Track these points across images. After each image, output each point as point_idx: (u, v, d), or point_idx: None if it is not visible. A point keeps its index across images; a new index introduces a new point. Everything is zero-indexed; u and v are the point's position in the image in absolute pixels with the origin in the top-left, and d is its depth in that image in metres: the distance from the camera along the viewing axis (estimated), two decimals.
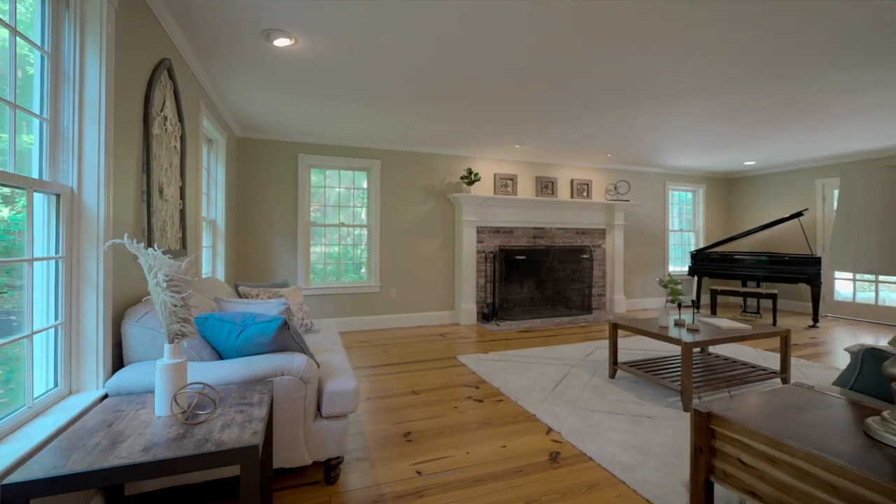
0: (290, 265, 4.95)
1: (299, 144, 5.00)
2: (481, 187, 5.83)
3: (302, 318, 2.86)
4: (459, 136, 4.94)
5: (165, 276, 1.31)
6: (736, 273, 6.03)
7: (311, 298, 5.02)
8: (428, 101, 3.70)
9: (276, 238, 4.91)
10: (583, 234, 6.43)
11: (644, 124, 4.42)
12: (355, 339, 4.77)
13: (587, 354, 4.08)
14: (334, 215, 5.27)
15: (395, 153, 5.41)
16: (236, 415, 1.38)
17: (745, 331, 3.04)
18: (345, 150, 5.18)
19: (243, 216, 4.79)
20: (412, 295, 5.47)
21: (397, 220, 5.41)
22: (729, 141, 5.15)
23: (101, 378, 1.63)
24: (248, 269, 4.77)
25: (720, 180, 7.64)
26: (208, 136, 3.76)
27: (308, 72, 3.06)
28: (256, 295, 2.76)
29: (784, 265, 5.53)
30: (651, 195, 7.03)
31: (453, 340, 4.69)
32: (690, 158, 6.20)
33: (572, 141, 5.14)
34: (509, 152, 5.77)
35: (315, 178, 5.20)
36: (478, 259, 5.73)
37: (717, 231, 7.63)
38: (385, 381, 3.35)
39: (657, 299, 7.06)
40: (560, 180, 6.37)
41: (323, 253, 5.21)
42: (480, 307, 5.75)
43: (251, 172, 4.82)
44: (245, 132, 4.75)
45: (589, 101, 3.71)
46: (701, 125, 4.47)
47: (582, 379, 3.36)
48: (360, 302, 5.23)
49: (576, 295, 6.46)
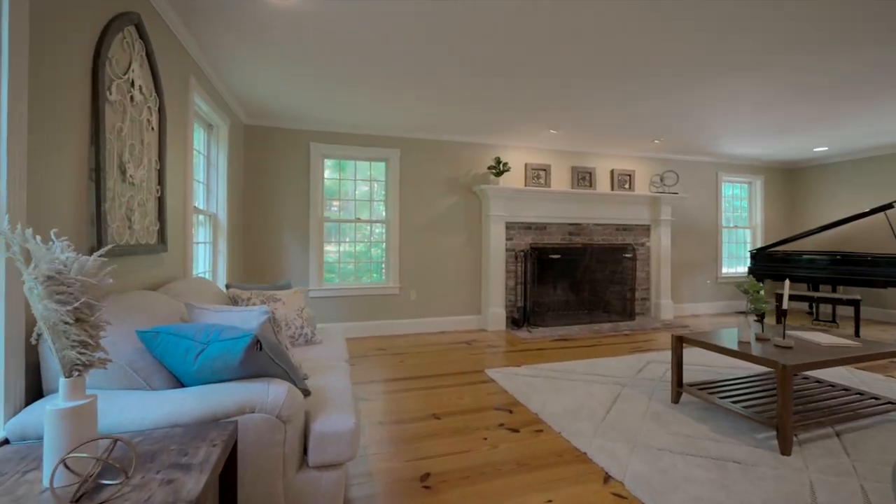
0: (302, 264, 4.54)
1: (312, 133, 4.58)
2: (511, 179, 5.27)
3: (301, 326, 2.40)
4: (487, 121, 4.41)
5: (45, 274, 0.84)
6: (805, 275, 5.24)
7: (323, 301, 4.60)
8: (452, 75, 3.18)
9: (287, 235, 4.51)
10: (624, 231, 5.78)
11: (702, 100, 3.76)
12: (371, 346, 4.31)
13: (638, 371, 3.47)
14: (350, 210, 4.84)
15: (416, 142, 4.92)
16: (158, 489, 0.91)
17: (856, 349, 2.39)
18: (361, 139, 4.74)
19: (251, 210, 4.41)
20: (434, 297, 4.98)
21: (418, 215, 4.92)
22: (799, 122, 4.40)
23: (1, 416, 1.19)
24: (255, 268, 4.39)
25: (781, 171, 6.80)
26: (207, 119, 3.37)
27: (313, 38, 2.60)
28: (248, 299, 2.31)
29: (869, 267, 4.72)
30: (701, 187, 6.29)
31: (480, 350, 4.16)
32: (749, 145, 5.45)
33: (614, 124, 4.52)
34: (542, 139, 5.20)
35: (329, 170, 4.77)
36: (507, 258, 5.18)
37: (777, 228, 6.79)
38: (401, 399, 2.86)
39: (708, 304, 6.30)
40: (599, 171, 5.73)
41: (338, 251, 4.78)
42: (510, 311, 5.19)
43: (260, 163, 4.43)
44: (253, 119, 4.37)
45: (640, 72, 3.11)
46: (768, 103, 3.77)
47: (638, 403, 2.77)
48: (377, 305, 4.77)
49: (616, 299, 5.81)
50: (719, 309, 6.37)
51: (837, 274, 4.98)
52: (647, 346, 4.34)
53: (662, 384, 3.12)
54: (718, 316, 6.07)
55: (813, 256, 5.21)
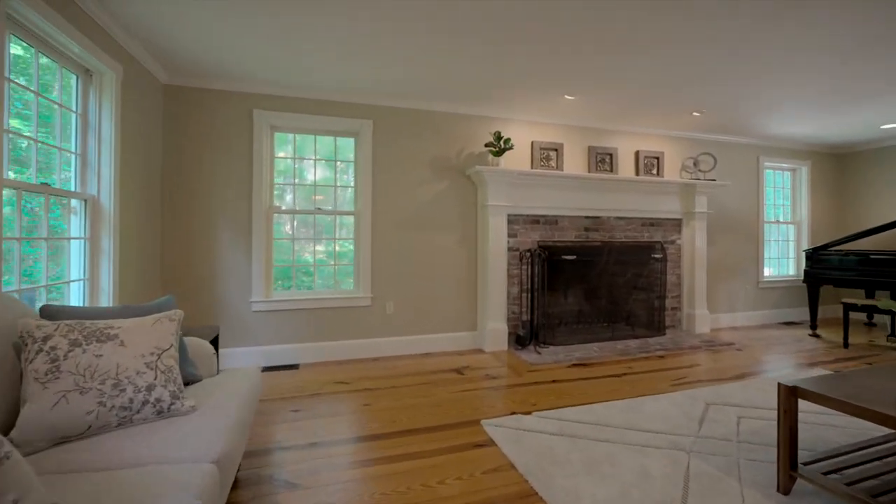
0: (242, 268, 3.48)
1: (257, 97, 3.52)
2: (514, 160, 4.23)
3: (151, 384, 1.34)
4: (487, 81, 3.37)
5: None
6: (881, 281, 4.22)
7: (271, 317, 3.54)
8: (438, 15, 2.14)
9: (223, 230, 3.45)
10: (651, 227, 4.75)
11: (759, 48, 2.73)
12: (330, 377, 3.26)
13: (699, 422, 2.43)
14: (309, 199, 3.78)
15: (394, 111, 3.87)
16: None
17: None
18: (322, 107, 3.68)
19: (170, 198, 3.35)
20: (417, 310, 3.93)
21: (397, 205, 3.88)
22: (876, 85, 3.38)
23: None
24: (172, 276, 3.32)
25: (830, 156, 5.79)
26: (75, 58, 2.31)
27: None
28: (45, 339, 1.26)
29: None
30: (740, 175, 5.27)
31: (475, 382, 3.12)
32: (800, 121, 4.43)
33: (645, 91, 3.49)
34: (553, 111, 4.16)
35: (282, 148, 3.72)
36: (509, 260, 4.15)
37: (827, 223, 5.78)
38: (357, 484, 1.82)
39: (748, 314, 5.29)
40: (621, 152, 4.70)
41: (293, 252, 3.72)
42: (513, 326, 4.16)
43: (185, 136, 3.37)
44: (177, 77, 3.30)
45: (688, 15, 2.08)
46: (843, 52, 2.75)
47: (723, 493, 1.73)
48: (342, 320, 3.72)
49: (641, 308, 4.79)
50: (762, 320, 5.36)
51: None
52: (693, 375, 3.31)
53: (746, 450, 2.09)
54: (763, 328, 5.05)
55: (892, 257, 4.19)
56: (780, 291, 5.49)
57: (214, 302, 3.41)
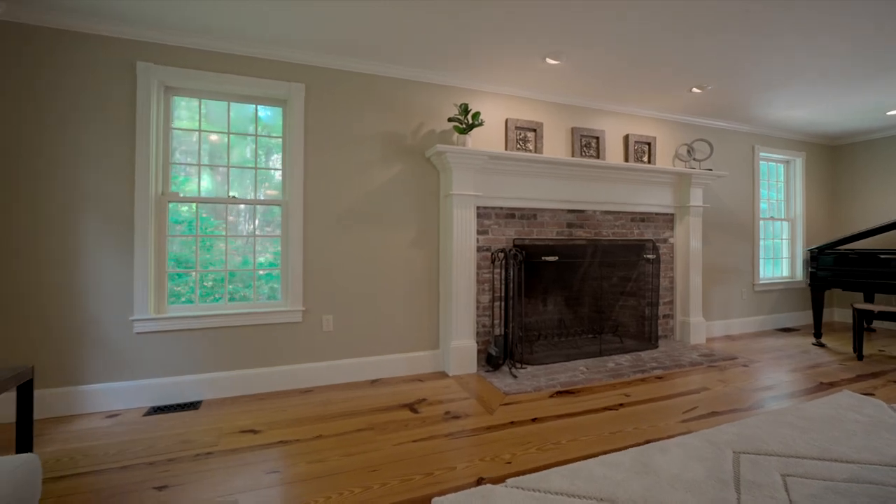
0: (119, 277, 2.59)
1: (142, 45, 2.63)
2: (485, 139, 3.50)
3: None
4: (448, 36, 2.61)
5: None
6: None
7: (166, 339, 2.66)
8: None
9: (91, 226, 2.55)
10: (641, 222, 4.12)
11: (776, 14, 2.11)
12: (239, 420, 2.42)
13: (734, 484, 1.76)
14: (221, 184, 2.92)
15: (334, 74, 3.06)
16: None
17: None
18: (239, 63, 2.82)
19: (8, 183, 2.43)
20: (363, 326, 3.13)
21: (337, 193, 3.07)
22: (891, 65, 2.85)
23: None
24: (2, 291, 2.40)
25: (824, 147, 5.36)
26: None
27: None
28: None
29: None
30: (734, 165, 4.73)
31: (432, 426, 2.36)
32: (802, 103, 3.91)
33: (643, 53, 2.83)
34: (532, 82, 3.45)
35: (183, 115, 2.84)
36: (479, 261, 3.41)
37: (821, 219, 5.35)
38: None
39: (743, 321, 4.76)
40: (609, 136, 4.04)
41: (195, 253, 2.85)
42: (484, 343, 3.43)
43: (32, 97, 2.45)
44: (14, 10, 2.38)
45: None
46: (867, 24, 2.17)
47: None
48: (265, 340, 2.89)
49: (630, 317, 4.16)
50: (758, 326, 4.85)
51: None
52: (703, 404, 2.67)
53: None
54: (760, 336, 4.53)
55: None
56: (775, 295, 5.01)
57: (68, 323, 2.50)
